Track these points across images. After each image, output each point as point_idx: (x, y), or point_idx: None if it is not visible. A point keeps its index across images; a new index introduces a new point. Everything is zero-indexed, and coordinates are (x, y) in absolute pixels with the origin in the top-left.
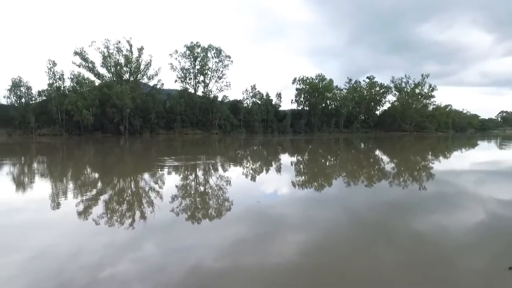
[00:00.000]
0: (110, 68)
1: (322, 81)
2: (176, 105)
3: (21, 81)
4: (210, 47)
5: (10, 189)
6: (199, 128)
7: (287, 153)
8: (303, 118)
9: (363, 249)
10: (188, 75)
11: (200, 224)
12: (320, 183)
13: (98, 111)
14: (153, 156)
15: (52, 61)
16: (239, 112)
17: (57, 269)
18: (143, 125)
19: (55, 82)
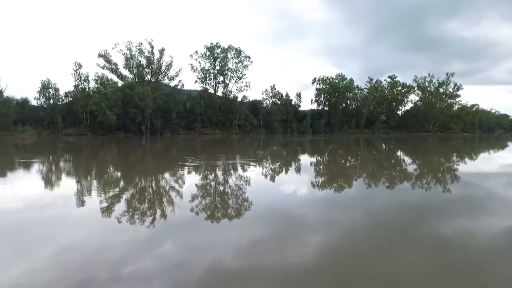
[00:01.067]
0: (132, 69)
1: (342, 80)
2: (196, 106)
3: (49, 83)
4: (230, 48)
5: (40, 186)
6: (219, 128)
7: (307, 153)
8: (323, 118)
9: (384, 252)
10: (208, 75)
11: (219, 223)
12: (340, 184)
13: (120, 111)
14: (174, 156)
15: (78, 63)
16: (258, 112)
17: (82, 263)
18: (164, 125)
19: (81, 83)
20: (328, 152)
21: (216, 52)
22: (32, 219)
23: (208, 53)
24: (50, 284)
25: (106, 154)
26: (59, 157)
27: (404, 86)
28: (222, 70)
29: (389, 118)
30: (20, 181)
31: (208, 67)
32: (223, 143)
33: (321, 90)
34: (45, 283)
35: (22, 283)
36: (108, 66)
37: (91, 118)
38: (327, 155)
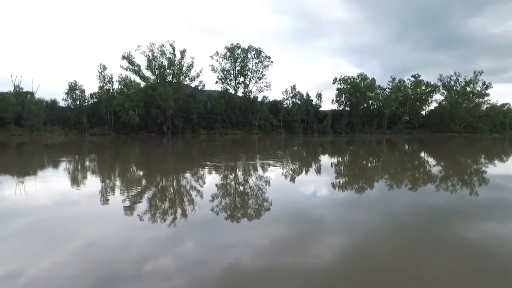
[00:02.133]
0: (154, 70)
1: (363, 80)
2: (217, 106)
3: (76, 85)
4: (250, 48)
5: (67, 184)
6: (239, 128)
7: (327, 154)
8: (344, 119)
9: (405, 256)
10: (228, 76)
11: (239, 223)
12: (360, 185)
13: (143, 111)
14: (195, 156)
15: (102, 65)
16: (278, 112)
17: (106, 259)
18: (185, 125)
19: (105, 85)
20: (348, 153)
21: (236, 53)
22: (60, 216)
23: (229, 53)
24: (76, 278)
25: (129, 154)
26: (86, 156)
27: (429, 86)
28: (243, 70)
29: (412, 118)
30: (50, 179)
31: (228, 68)
32: (243, 144)
33: (342, 90)
34: (72, 276)
35: (50, 275)
36: (131, 68)
37: (115, 118)
38: (347, 156)
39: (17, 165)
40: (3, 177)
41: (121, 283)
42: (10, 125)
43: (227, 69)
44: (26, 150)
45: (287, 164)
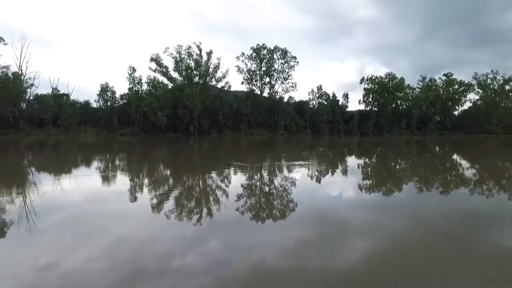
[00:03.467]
0: (181, 71)
1: (392, 80)
2: (243, 106)
3: (107, 86)
4: (276, 49)
5: (98, 182)
6: (265, 129)
7: (354, 155)
8: (371, 119)
9: (435, 261)
10: (254, 76)
11: (264, 224)
12: (388, 187)
13: (170, 112)
14: (221, 156)
15: (132, 67)
16: (304, 113)
17: (133, 255)
18: (211, 125)
19: (134, 86)
20: (376, 154)
21: (262, 53)
22: (92, 212)
23: (254, 54)
24: (105, 272)
25: (157, 154)
26: (116, 155)
27: (462, 84)
28: (268, 71)
29: (444, 118)
30: (83, 177)
31: (254, 68)
32: (269, 144)
33: (370, 90)
34: (101, 270)
35: (82, 268)
36: (159, 69)
37: (143, 118)
38: (375, 157)
39: (54, 163)
40: (42, 174)
41: (147, 279)
42: (48, 126)
43: (253, 69)
44: (63, 150)
45: (313, 165)
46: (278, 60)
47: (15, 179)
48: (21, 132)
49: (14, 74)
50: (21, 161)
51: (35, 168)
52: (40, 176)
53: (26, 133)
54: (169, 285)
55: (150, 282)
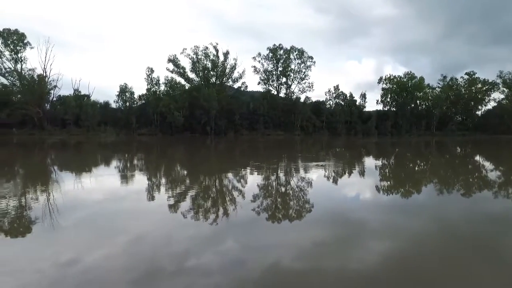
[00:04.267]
0: (198, 72)
1: (411, 79)
2: (259, 107)
3: (126, 87)
4: (293, 49)
5: (117, 181)
6: (281, 129)
7: (371, 156)
8: (389, 120)
9: (456, 266)
10: (270, 77)
11: (280, 224)
12: (407, 189)
13: (187, 112)
14: (237, 156)
15: (150, 68)
16: (321, 113)
17: (150, 253)
18: (228, 126)
19: (152, 87)
20: (394, 155)
21: (278, 54)
22: (111, 210)
23: (271, 54)
24: (124, 270)
25: (175, 154)
26: (135, 155)
27: (486, 83)
28: (285, 71)
29: (466, 119)
30: (103, 176)
31: (270, 69)
32: (286, 144)
33: (388, 90)
34: (120, 268)
35: (102, 265)
36: (176, 70)
37: (161, 119)
38: (393, 158)
39: (76, 162)
40: (64, 173)
41: (164, 277)
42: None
43: (270, 70)
44: (84, 149)
45: (329, 165)
46: (295, 60)
47: (40, 178)
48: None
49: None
50: (45, 160)
51: (58, 167)
52: (63, 174)
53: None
54: (185, 283)
55: (167, 281)
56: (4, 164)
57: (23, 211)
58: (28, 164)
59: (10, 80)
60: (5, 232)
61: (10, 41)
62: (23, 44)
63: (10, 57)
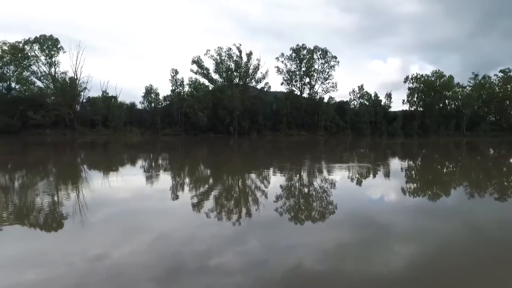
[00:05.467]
0: (222, 73)
1: (439, 78)
2: (282, 107)
3: (151, 89)
4: (316, 49)
5: (142, 180)
6: (305, 129)
7: (397, 157)
8: (416, 120)
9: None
10: (294, 77)
11: (303, 225)
12: (434, 192)
13: (211, 113)
14: (261, 156)
15: (175, 70)
16: (345, 113)
17: (174, 251)
18: (251, 126)
19: (177, 88)
20: (421, 156)
21: (302, 54)
22: (136, 208)
23: (294, 54)
24: (148, 266)
25: (199, 154)
26: (160, 155)
27: None
28: (308, 71)
29: (500, 119)
30: (129, 175)
31: (294, 69)
32: (309, 145)
33: (414, 89)
34: (144, 264)
35: (128, 262)
36: (200, 71)
37: (185, 119)
38: (420, 160)
39: (104, 162)
40: (93, 172)
41: (187, 275)
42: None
43: (293, 70)
44: (111, 149)
45: (353, 167)
46: (318, 60)
47: (71, 176)
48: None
49: (70, 79)
50: (75, 159)
51: (88, 166)
52: (92, 173)
53: (80, 133)
54: (207, 282)
55: (190, 278)
56: (39, 163)
57: (55, 207)
58: (60, 163)
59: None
60: (40, 226)
61: (45, 47)
62: (57, 49)
63: (45, 61)
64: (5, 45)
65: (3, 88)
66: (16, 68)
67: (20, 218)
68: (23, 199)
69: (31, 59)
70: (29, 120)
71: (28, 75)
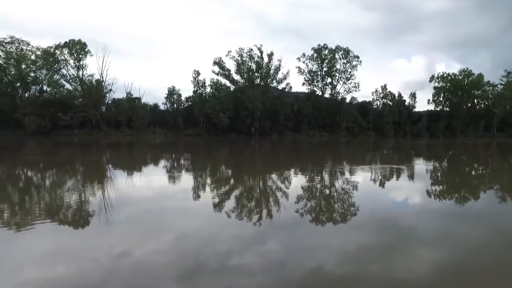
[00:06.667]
0: (243, 74)
1: (468, 76)
2: (304, 108)
3: (174, 90)
4: (338, 48)
5: (165, 180)
6: (326, 130)
7: (422, 158)
8: (442, 120)
9: None
10: (315, 77)
11: (324, 227)
12: (462, 195)
13: (232, 114)
14: (282, 157)
15: (196, 71)
16: (368, 114)
17: (195, 250)
18: (272, 127)
19: (199, 89)
20: (447, 158)
21: (323, 54)
22: (159, 208)
23: (316, 55)
24: (170, 265)
25: (220, 154)
26: (183, 155)
27: None
28: (330, 71)
29: None
30: (151, 175)
31: (315, 69)
32: (330, 146)
33: (441, 88)
34: (166, 263)
35: (150, 260)
36: (221, 72)
37: (207, 120)
38: (446, 162)
39: (128, 162)
40: (117, 171)
41: (207, 274)
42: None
43: (314, 70)
44: (135, 149)
45: (376, 168)
46: (340, 60)
47: (96, 175)
48: (101, 132)
49: (97, 81)
50: (101, 159)
51: (113, 165)
52: (116, 172)
53: (105, 133)
54: (228, 282)
55: (211, 278)
56: (68, 162)
57: (82, 205)
58: (87, 163)
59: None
60: (69, 223)
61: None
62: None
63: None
64: (38, 51)
65: (36, 91)
66: (47, 72)
67: (50, 215)
68: (53, 197)
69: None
70: (59, 121)
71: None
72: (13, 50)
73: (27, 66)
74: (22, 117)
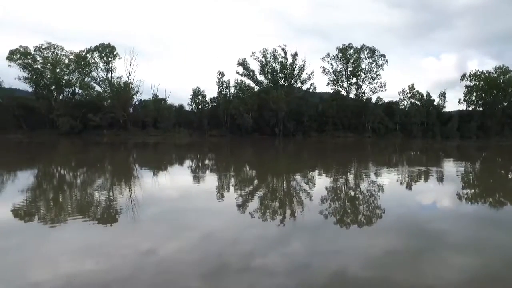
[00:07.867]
0: (267, 75)
1: (504, 74)
2: (328, 108)
3: (199, 91)
4: (363, 48)
5: (189, 179)
6: (351, 131)
7: (452, 160)
8: (474, 121)
9: None
10: (340, 77)
11: (349, 229)
12: (497, 199)
13: (256, 114)
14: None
15: (221, 72)
16: (394, 114)
17: (219, 250)
18: (296, 127)
19: (223, 90)
20: (480, 160)
21: (348, 53)
22: (183, 207)
23: (340, 54)
24: (194, 264)
25: (245, 155)
26: (206, 156)
27: None
28: (355, 71)
29: None
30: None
31: (340, 69)
32: (355, 147)
33: (473, 87)
34: (191, 261)
35: (174, 258)
36: (245, 73)
37: (231, 120)
38: (478, 164)
39: (154, 162)
40: (144, 171)
41: (231, 274)
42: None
43: (339, 70)
44: (161, 149)
45: (403, 171)
46: (366, 60)
47: (124, 174)
48: (128, 133)
49: (125, 83)
50: (129, 158)
51: (139, 165)
52: (143, 172)
53: (132, 134)
54: (251, 281)
55: (234, 277)
56: (98, 162)
57: (111, 203)
58: (116, 162)
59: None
60: (98, 220)
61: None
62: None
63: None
64: (71, 55)
65: (69, 93)
66: (79, 75)
67: (81, 212)
68: (84, 195)
69: (92, 66)
70: (89, 121)
71: (89, 81)
72: (49, 55)
73: (61, 69)
74: (57, 118)
